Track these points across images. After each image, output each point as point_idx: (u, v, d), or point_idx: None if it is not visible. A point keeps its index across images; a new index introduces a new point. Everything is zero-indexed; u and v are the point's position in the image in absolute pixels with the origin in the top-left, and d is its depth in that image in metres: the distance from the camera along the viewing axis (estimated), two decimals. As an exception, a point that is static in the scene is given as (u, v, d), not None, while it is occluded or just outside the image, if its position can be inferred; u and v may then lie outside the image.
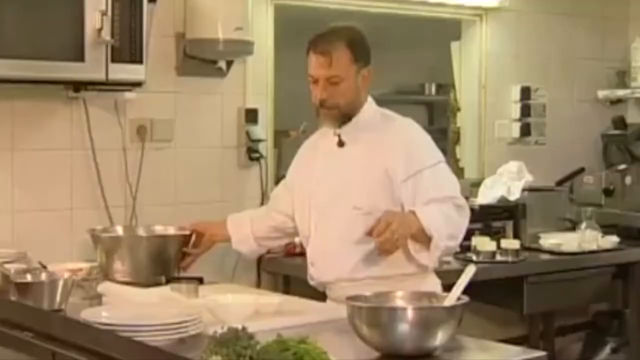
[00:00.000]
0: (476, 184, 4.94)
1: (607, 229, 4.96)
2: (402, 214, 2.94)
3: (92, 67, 3.57)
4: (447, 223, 2.94)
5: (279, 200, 3.37)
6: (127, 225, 3.83)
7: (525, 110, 5.41)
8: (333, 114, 3.07)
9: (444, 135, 5.91)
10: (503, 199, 4.77)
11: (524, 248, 4.59)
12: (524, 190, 4.80)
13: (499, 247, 4.43)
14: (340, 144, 3.11)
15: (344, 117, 3.08)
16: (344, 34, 3.07)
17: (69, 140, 3.97)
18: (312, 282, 3.20)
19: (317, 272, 3.15)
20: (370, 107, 3.14)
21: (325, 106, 3.05)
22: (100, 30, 3.54)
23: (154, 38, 3.91)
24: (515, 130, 5.41)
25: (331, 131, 3.13)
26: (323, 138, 3.20)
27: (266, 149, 4.49)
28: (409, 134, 3.10)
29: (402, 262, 3.00)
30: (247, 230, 3.39)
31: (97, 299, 2.97)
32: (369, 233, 2.86)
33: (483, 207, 4.66)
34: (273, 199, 3.47)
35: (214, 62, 4.31)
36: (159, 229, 3.50)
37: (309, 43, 3.09)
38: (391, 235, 2.83)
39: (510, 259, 4.41)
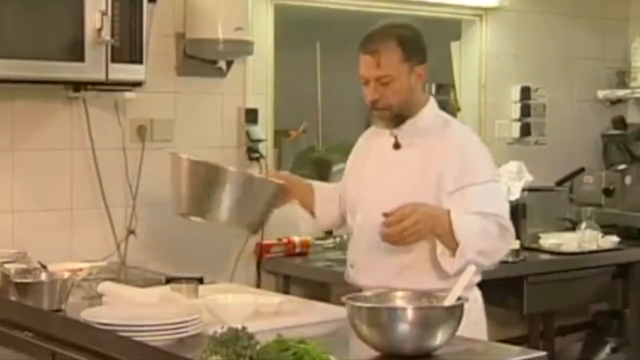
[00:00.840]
0: (476, 184, 4.93)
1: (607, 229, 4.96)
2: (431, 212, 2.79)
3: (92, 67, 3.57)
4: (482, 237, 2.80)
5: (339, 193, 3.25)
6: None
7: (525, 110, 5.41)
8: (385, 114, 2.96)
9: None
10: (503, 199, 4.76)
11: (524, 248, 4.59)
12: (524, 190, 4.80)
13: (498, 247, 4.42)
14: (397, 145, 2.99)
15: (398, 117, 2.97)
16: (393, 31, 2.95)
17: (69, 140, 3.97)
18: (347, 280, 3.12)
19: (355, 274, 3.06)
20: (431, 110, 3.02)
21: (377, 107, 2.95)
22: (100, 30, 3.54)
23: (154, 38, 3.91)
24: (515, 130, 5.41)
25: (387, 131, 3.02)
26: (378, 136, 3.07)
27: (266, 149, 4.49)
28: (466, 145, 2.96)
29: (445, 276, 2.84)
30: (335, 211, 3.23)
31: (97, 299, 2.96)
32: (385, 214, 2.75)
33: (483, 207, 4.65)
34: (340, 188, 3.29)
35: (214, 62, 4.31)
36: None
37: (360, 43, 2.98)
38: (399, 232, 2.73)
39: (510, 259, 4.41)
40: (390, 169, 2.99)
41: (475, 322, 2.91)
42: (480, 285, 3.00)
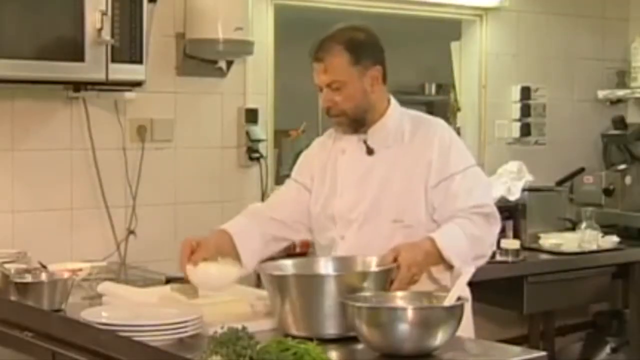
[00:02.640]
0: (476, 184, 4.94)
1: (607, 229, 4.96)
2: (416, 256, 2.66)
3: (92, 67, 3.58)
4: (472, 245, 2.78)
5: (282, 205, 3.05)
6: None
7: (525, 110, 5.41)
8: (342, 120, 2.89)
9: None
10: (503, 199, 4.76)
11: (524, 248, 4.59)
12: (524, 190, 4.80)
13: (498, 247, 4.42)
14: (369, 151, 2.91)
15: (356, 122, 2.89)
16: (341, 35, 2.87)
17: (69, 140, 3.97)
18: None
19: None
20: (395, 110, 2.95)
21: (331, 114, 2.89)
22: (100, 30, 3.54)
23: (154, 38, 3.91)
24: (515, 130, 5.41)
25: (353, 136, 2.93)
26: (344, 141, 2.97)
27: (266, 149, 4.50)
28: (442, 137, 2.91)
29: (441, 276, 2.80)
30: (257, 249, 2.95)
31: (97, 299, 2.96)
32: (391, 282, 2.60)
33: (483, 207, 4.65)
34: (273, 204, 3.10)
35: (214, 62, 4.31)
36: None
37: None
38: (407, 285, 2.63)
39: (510, 259, 4.41)
40: (370, 176, 2.90)
41: (465, 318, 2.92)
42: (478, 284, 2.98)
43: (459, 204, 2.82)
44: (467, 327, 2.87)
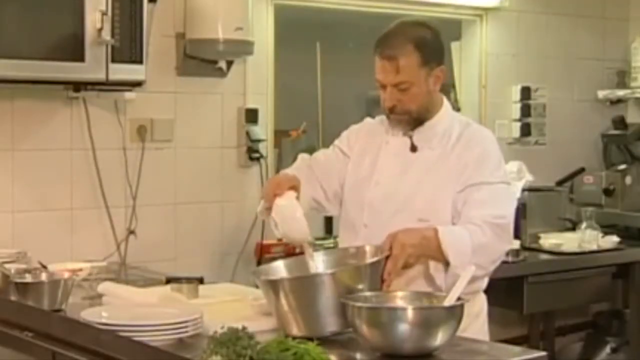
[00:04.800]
0: (476, 184, 4.94)
1: (607, 229, 4.96)
2: (417, 241, 2.66)
3: (92, 67, 3.58)
4: (476, 252, 2.72)
5: (328, 174, 3.01)
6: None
7: (525, 110, 5.42)
8: (404, 119, 2.86)
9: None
10: (503, 199, 4.75)
11: (524, 248, 4.59)
12: (524, 190, 4.80)
13: (499, 247, 4.42)
14: (413, 148, 2.90)
15: (416, 121, 2.87)
16: (411, 33, 2.82)
17: (69, 140, 3.97)
18: None
19: None
20: (447, 113, 2.93)
21: (395, 112, 2.85)
22: (100, 30, 3.54)
23: (154, 38, 3.91)
24: (515, 130, 5.41)
25: (400, 130, 2.91)
26: (390, 133, 2.95)
27: (266, 149, 4.49)
28: (485, 146, 2.91)
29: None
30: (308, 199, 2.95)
31: (97, 299, 2.96)
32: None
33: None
34: (321, 167, 3.03)
35: (214, 62, 4.31)
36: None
37: (375, 45, 2.84)
38: (391, 278, 2.60)
39: (510, 259, 4.41)
40: (407, 172, 2.88)
41: (481, 325, 2.92)
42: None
43: (478, 211, 2.78)
44: (481, 332, 2.87)
